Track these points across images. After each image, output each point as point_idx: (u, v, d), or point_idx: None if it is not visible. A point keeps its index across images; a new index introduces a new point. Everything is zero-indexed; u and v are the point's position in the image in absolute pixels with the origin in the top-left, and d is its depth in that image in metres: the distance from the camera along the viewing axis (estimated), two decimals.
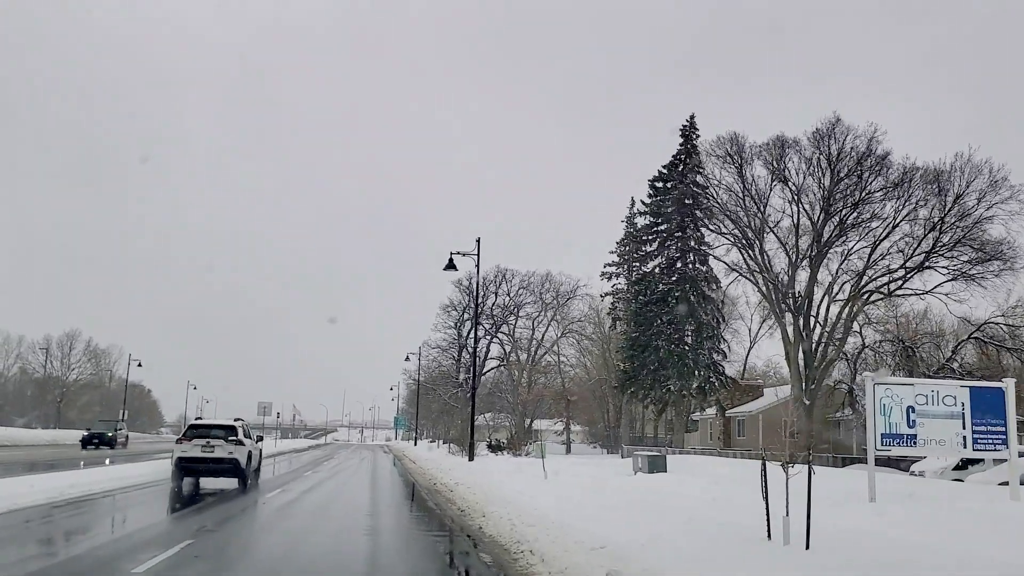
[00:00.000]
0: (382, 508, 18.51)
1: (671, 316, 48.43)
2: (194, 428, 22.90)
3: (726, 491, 16.99)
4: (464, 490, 20.84)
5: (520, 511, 14.33)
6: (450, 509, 17.35)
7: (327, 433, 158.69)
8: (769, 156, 45.52)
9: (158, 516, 15.99)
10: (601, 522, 11.49)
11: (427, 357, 79.62)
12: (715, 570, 8.20)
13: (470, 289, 77.10)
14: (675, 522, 11.04)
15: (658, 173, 50.70)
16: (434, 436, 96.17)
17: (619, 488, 18.53)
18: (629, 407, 61.49)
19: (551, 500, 15.38)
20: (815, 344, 46.06)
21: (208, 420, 26.59)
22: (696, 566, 8.26)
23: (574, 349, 73.86)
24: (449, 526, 14.76)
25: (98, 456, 36.52)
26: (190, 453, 21.13)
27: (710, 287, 49.27)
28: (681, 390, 47.76)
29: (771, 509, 9.09)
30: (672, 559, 8.54)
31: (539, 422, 77.47)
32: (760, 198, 46.20)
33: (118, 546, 11.56)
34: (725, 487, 18.45)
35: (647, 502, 14.49)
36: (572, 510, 13.48)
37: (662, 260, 50.13)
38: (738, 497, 14.39)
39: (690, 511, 12.48)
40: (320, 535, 13.18)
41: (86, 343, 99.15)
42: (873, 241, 44.87)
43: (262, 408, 57.23)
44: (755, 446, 50.53)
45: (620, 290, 60.47)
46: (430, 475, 30.20)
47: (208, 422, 24.84)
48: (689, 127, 50.28)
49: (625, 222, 60.88)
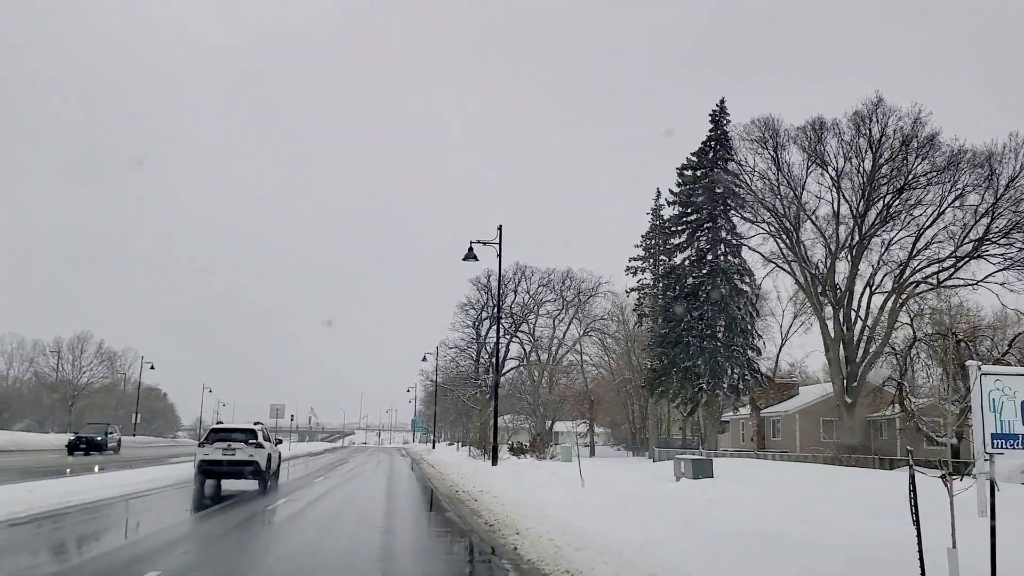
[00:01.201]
0: (398, 522, 16.17)
1: (702, 311, 45.86)
2: (215, 432, 23.58)
3: (798, 503, 14.57)
4: (490, 499, 18.49)
5: (562, 528, 11.96)
6: (476, 523, 15.00)
7: (344, 436, 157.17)
8: (806, 140, 42.89)
9: (135, 535, 13.74)
10: (672, 549, 9.10)
11: (444, 357, 77.43)
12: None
13: (488, 287, 74.97)
14: (781, 554, 8.59)
15: (687, 161, 48.14)
16: (452, 439, 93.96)
17: (668, 498, 16.09)
18: (656, 408, 58.86)
19: (595, 514, 13.01)
20: (856, 339, 43.36)
21: (229, 424, 26.95)
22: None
23: (597, 348, 71.35)
24: (477, 545, 12.41)
25: (85, 463, 32.95)
26: (212, 456, 21.97)
27: (743, 280, 46.63)
28: (714, 389, 45.14)
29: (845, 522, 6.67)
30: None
31: (560, 424, 74.98)
32: (796, 185, 43.59)
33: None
34: (792, 498, 16.01)
35: (713, 519, 12.05)
36: (626, 528, 11.10)
37: (692, 252, 47.53)
38: (825, 514, 11.98)
39: (781, 534, 10.04)
40: (324, 555, 10.91)
41: (97, 345, 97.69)
42: (917, 229, 42.16)
43: (274, 410, 55.11)
44: (791, 447, 47.90)
45: (646, 285, 57.92)
46: (451, 481, 27.86)
47: (229, 426, 25.26)
48: (719, 112, 47.68)
49: (651, 214, 58.44)
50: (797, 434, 47.99)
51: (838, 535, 9.70)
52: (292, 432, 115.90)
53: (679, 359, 45.57)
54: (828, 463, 37.03)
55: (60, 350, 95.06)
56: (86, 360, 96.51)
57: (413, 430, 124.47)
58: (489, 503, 17.87)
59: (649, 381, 47.69)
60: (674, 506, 14.09)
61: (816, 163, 43.22)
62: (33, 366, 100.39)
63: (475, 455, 41.29)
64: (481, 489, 21.32)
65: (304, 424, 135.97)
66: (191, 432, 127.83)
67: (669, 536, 10.00)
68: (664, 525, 11.23)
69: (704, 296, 45.72)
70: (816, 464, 34.67)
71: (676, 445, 61.44)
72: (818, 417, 48.09)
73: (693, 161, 47.98)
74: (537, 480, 21.58)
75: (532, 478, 22.67)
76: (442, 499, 21.15)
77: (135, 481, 21.16)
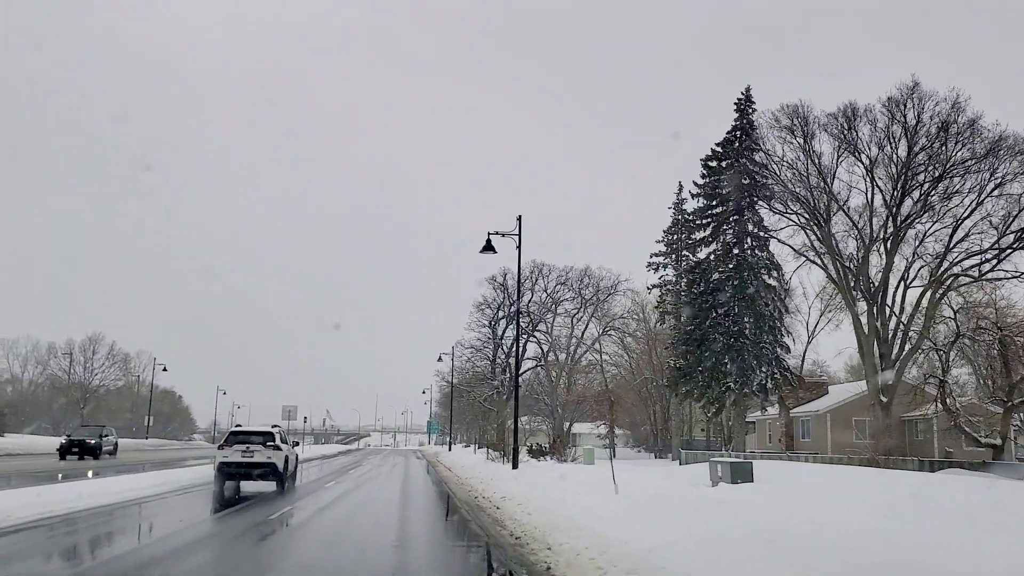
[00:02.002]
0: (411, 534, 14.54)
1: (728, 307, 44.03)
2: (234, 435, 23.93)
3: (871, 511, 12.81)
4: (514, 507, 16.87)
5: (602, 544, 10.32)
6: (501, 536, 13.36)
7: (360, 438, 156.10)
8: (836, 127, 41.02)
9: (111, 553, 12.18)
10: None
11: (460, 357, 75.87)
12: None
13: (504, 285, 73.34)
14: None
15: (711, 151, 46.33)
16: (468, 440, 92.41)
17: (713, 507, 14.37)
18: (679, 408, 57.02)
19: (638, 527, 11.34)
20: (891, 335, 41.43)
21: (247, 427, 26.76)
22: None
23: (616, 347, 69.51)
24: (504, 563, 10.80)
25: (75, 469, 30.54)
26: (231, 458, 22.48)
27: (771, 274, 44.74)
28: (742, 388, 43.27)
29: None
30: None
31: (577, 425, 73.26)
32: (827, 174, 41.71)
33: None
34: (858, 505, 14.26)
35: (777, 534, 10.33)
36: (681, 547, 9.43)
37: (717, 246, 45.66)
38: (928, 529, 10.23)
39: (866, 552, 8.32)
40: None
41: (109, 347, 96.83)
42: (954, 220, 40.20)
43: (286, 412, 53.68)
44: (822, 449, 45.97)
45: (668, 282, 56.08)
46: (469, 485, 26.27)
47: (247, 429, 25.38)
48: (744, 100, 45.86)
49: (672, 208, 56.59)
50: (828, 435, 46.06)
51: (935, 556, 7.98)
52: (307, 434, 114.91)
53: (705, 357, 43.75)
54: (866, 465, 35.19)
55: (72, 352, 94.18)
56: (98, 362, 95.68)
57: (429, 432, 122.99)
58: (513, 511, 16.25)
59: (674, 380, 45.86)
60: (726, 517, 12.38)
61: (848, 151, 41.36)
62: (47, 369, 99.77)
63: (493, 457, 39.67)
64: (503, 495, 19.70)
65: (319, 426, 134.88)
66: (206, 435, 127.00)
67: (741, 558, 8.32)
68: (726, 543, 9.54)
69: (731, 292, 43.88)
70: (856, 466, 32.82)
71: (699, 447, 59.60)
72: (850, 417, 46.14)
73: (718, 152, 46.16)
74: (563, 485, 19.91)
75: (557, 483, 21.02)
76: (461, 506, 19.53)
77: (121, 489, 19.39)
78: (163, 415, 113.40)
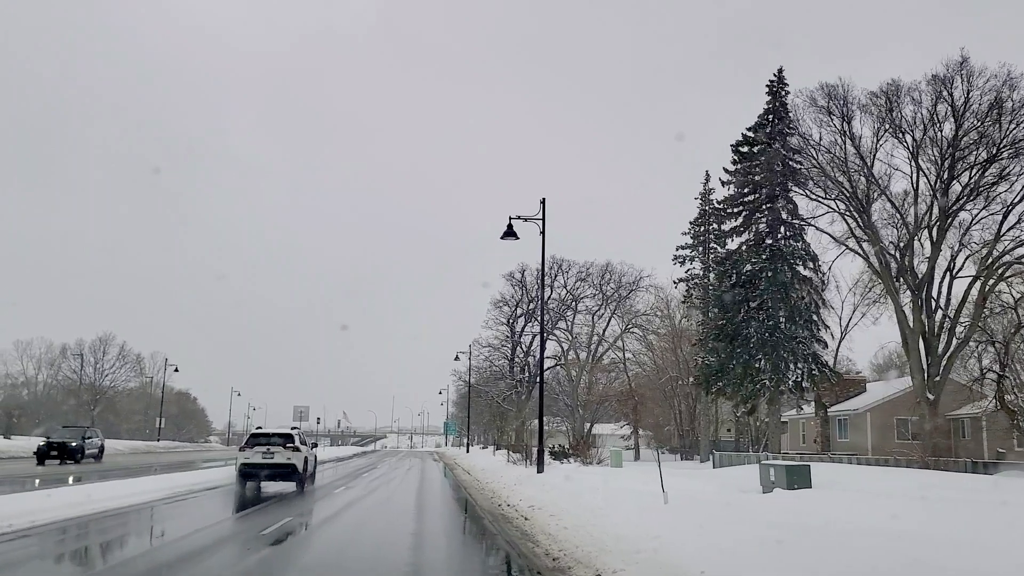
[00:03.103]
0: (428, 553, 12.31)
1: (761, 300, 41.58)
2: (255, 437, 24.51)
3: (985, 525, 10.49)
4: (546, 518, 14.64)
5: (663, 572, 8.06)
6: (534, 555, 11.13)
7: (376, 440, 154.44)
8: (878, 107, 38.45)
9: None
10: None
11: (478, 356, 73.79)
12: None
13: (523, 282, 71.13)
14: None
15: (743, 136, 43.82)
16: (485, 442, 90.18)
17: (790, 521, 12.05)
18: (707, 407, 54.54)
19: (709, 553, 9.04)
20: (938, 328, 38.82)
21: (267, 429, 26.93)
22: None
23: (639, 345, 67.05)
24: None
25: (53, 475, 27.30)
26: (252, 459, 23.12)
27: (806, 265, 42.23)
28: (777, 385, 40.78)
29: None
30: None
31: (598, 426, 70.86)
32: (867, 158, 39.16)
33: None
34: (948, 515, 11.92)
35: (881, 556, 8.01)
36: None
37: (749, 236, 43.18)
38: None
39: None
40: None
41: (120, 347, 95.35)
42: (1004, 206, 37.56)
43: (298, 412, 51.73)
44: (862, 449, 43.41)
45: (695, 275, 53.58)
46: (490, 491, 24.06)
47: (267, 431, 25.67)
48: (776, 82, 43.40)
49: (699, 199, 54.07)
50: (869, 434, 43.45)
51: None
52: (323, 436, 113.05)
53: (737, 354, 41.31)
54: (915, 466, 32.74)
55: (82, 353, 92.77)
56: (108, 363, 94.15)
57: (445, 433, 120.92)
58: (545, 524, 14.02)
59: (705, 378, 43.38)
60: (815, 535, 10.07)
61: (890, 133, 38.76)
62: (61, 370, 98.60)
63: (515, 460, 37.39)
64: (531, 504, 17.45)
65: (334, 428, 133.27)
66: (222, 437, 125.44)
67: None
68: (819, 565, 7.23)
69: (764, 284, 41.44)
70: (910, 469, 30.42)
71: (727, 447, 57.10)
72: (891, 416, 43.52)
73: (749, 136, 43.70)
74: (598, 492, 17.64)
75: (590, 489, 18.75)
76: (483, 516, 17.30)
77: (103, 497, 17.12)
78: (178, 417, 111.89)
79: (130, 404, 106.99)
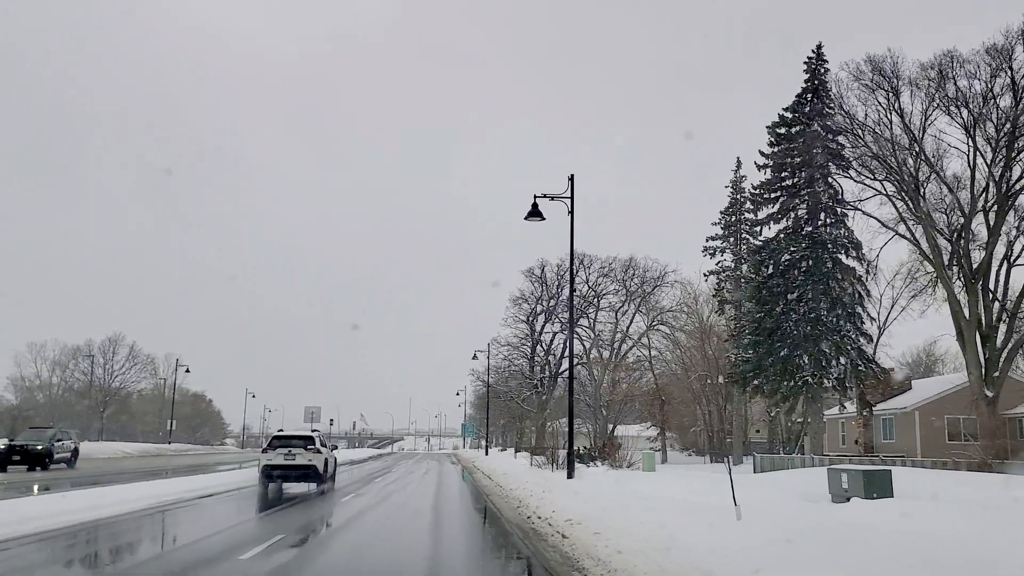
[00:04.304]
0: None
1: (801, 292, 38.82)
2: (277, 439, 25.06)
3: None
4: (589, 537, 12.01)
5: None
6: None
7: (393, 442, 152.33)
8: (929, 81, 35.65)
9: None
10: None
11: (497, 356, 71.13)
12: None
13: (543, 278, 68.52)
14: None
15: (779, 117, 41.05)
16: (504, 444, 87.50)
17: (902, 543, 9.39)
18: (740, 407, 51.70)
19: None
20: (996, 320, 35.96)
21: (289, 432, 27.29)
22: None
23: (665, 342, 64.22)
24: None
25: (16, 482, 24.32)
26: (275, 461, 23.69)
27: (848, 253, 39.40)
28: (820, 382, 37.97)
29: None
30: None
31: (621, 427, 68.05)
32: (917, 136, 36.34)
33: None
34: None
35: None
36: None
37: (787, 223, 40.42)
38: None
39: None
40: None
41: (129, 348, 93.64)
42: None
43: (308, 413, 49.43)
44: (910, 450, 40.50)
45: (726, 268, 50.76)
46: (516, 499, 21.40)
47: (289, 433, 26.16)
48: (815, 59, 40.65)
49: (730, 186, 51.28)
50: (918, 435, 40.50)
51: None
52: (341, 438, 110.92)
53: (776, 348, 38.56)
54: (976, 469, 29.93)
55: (92, 354, 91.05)
56: (118, 363, 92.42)
57: (463, 435, 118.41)
58: (590, 545, 11.40)
59: (741, 375, 40.60)
60: (940, 561, 7.41)
61: (942, 109, 36.00)
62: (68, 371, 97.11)
63: (539, 464, 34.77)
64: (567, 516, 14.81)
65: (349, 429, 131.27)
66: (239, 439, 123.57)
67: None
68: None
69: (804, 274, 38.69)
70: (972, 472, 27.60)
71: (760, 450, 54.25)
72: (942, 415, 40.56)
73: (787, 117, 40.96)
74: (646, 503, 15.01)
75: (635, 499, 16.13)
76: (511, 532, 14.69)
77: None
78: (192, 419, 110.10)
79: (144, 406, 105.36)
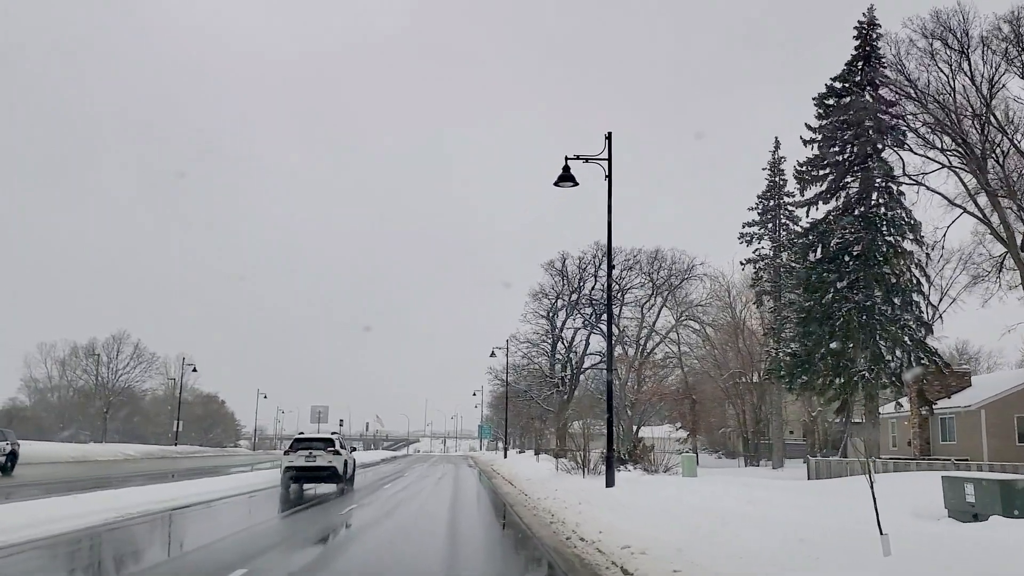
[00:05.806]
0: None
1: (853, 278, 35.12)
2: (298, 441, 25.85)
3: None
4: (666, 574, 8.55)
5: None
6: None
7: (409, 444, 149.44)
8: (1000, 39, 31.97)
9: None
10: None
11: (515, 353, 67.66)
12: None
13: (563, 271, 64.94)
14: None
15: (827, 87, 37.24)
16: (523, 446, 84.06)
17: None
18: (779, 406, 47.99)
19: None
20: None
21: (309, 434, 28.33)
22: None
23: (697, 336, 60.55)
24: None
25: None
26: (296, 463, 24.46)
27: (904, 236, 35.64)
28: (877, 377, 34.27)
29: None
30: None
31: (645, 428, 64.37)
32: (987, 101, 32.66)
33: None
34: None
35: None
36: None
37: (837, 203, 36.72)
38: None
39: None
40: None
41: (134, 346, 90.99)
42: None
43: (316, 413, 46.32)
44: (974, 453, 36.57)
45: (764, 256, 47.03)
46: (548, 513, 17.94)
47: (310, 436, 27.25)
48: (868, 24, 36.84)
49: (768, 169, 47.50)
50: (984, 436, 36.65)
51: None
52: (355, 440, 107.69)
53: (826, 340, 34.90)
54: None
55: (97, 353, 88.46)
56: (122, 362, 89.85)
57: (480, 436, 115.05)
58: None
59: (787, 370, 36.91)
60: None
61: (1015, 72, 32.28)
62: (69, 369, 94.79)
63: (567, 468, 31.33)
64: (624, 543, 11.33)
65: (363, 430, 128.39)
66: (252, 441, 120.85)
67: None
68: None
69: (856, 259, 35.01)
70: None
71: (796, 452, 50.59)
72: (1011, 414, 36.74)
73: (835, 87, 37.22)
74: (730, 525, 11.54)
75: (714, 518, 12.67)
76: (553, 562, 11.22)
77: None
78: (204, 420, 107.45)
79: (157, 407, 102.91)
